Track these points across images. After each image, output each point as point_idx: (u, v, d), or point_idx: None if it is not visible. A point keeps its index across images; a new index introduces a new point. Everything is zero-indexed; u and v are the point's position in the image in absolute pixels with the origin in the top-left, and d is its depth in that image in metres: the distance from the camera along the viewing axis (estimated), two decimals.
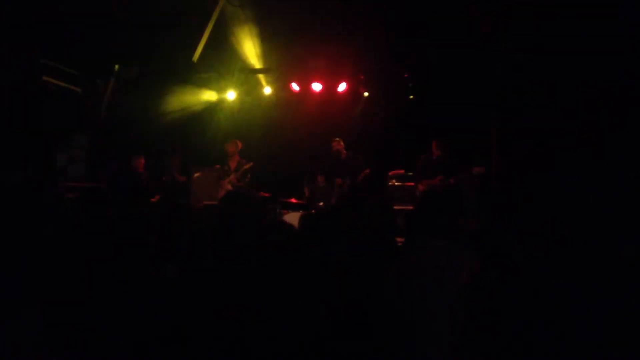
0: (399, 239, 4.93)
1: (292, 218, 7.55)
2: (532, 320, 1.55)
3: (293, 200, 8.93)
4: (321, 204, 8.83)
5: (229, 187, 8.37)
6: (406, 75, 9.19)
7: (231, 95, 9.95)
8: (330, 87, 9.51)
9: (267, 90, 9.75)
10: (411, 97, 9.50)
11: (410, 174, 8.77)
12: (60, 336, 1.17)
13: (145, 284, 2.54)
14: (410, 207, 7.91)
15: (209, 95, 10.05)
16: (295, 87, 9.63)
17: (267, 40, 8.98)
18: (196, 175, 9.30)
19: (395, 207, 7.98)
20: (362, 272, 2.95)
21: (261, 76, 9.74)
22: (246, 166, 8.49)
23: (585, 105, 7.53)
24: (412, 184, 8.74)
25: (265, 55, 9.25)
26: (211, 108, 10.19)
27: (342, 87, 9.43)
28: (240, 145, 8.78)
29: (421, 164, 8.36)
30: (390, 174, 9.27)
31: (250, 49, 9.16)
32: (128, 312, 2.29)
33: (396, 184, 9.08)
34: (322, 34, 8.69)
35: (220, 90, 10.01)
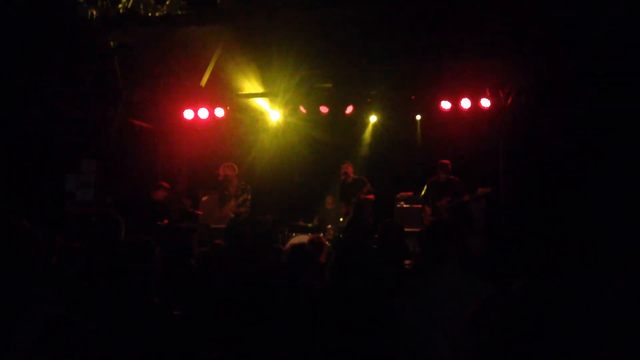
0: (407, 261, 4.88)
1: (301, 241, 7.51)
2: (543, 347, 1.51)
3: (301, 223, 8.89)
4: (329, 226, 8.78)
5: (231, 214, 8.25)
6: (413, 97, 9.21)
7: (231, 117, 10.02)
8: (337, 110, 9.51)
9: (276, 115, 9.71)
10: (418, 118, 9.54)
11: (419, 195, 8.70)
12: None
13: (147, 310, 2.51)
14: (419, 229, 7.86)
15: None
16: (303, 110, 9.66)
17: (273, 64, 9.04)
18: (204, 199, 9.30)
19: (405, 229, 7.97)
20: (377, 300, 2.92)
21: (267, 100, 9.76)
22: (245, 195, 8.34)
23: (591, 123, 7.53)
24: (421, 206, 8.69)
25: (272, 79, 9.30)
26: (220, 132, 10.19)
27: (349, 109, 9.44)
28: (237, 168, 8.56)
29: (428, 187, 8.32)
30: (398, 196, 9.23)
31: (255, 74, 9.22)
32: (128, 339, 2.26)
33: (405, 206, 9.03)
34: (330, 57, 8.75)
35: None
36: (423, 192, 8.38)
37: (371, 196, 8.43)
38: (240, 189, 8.27)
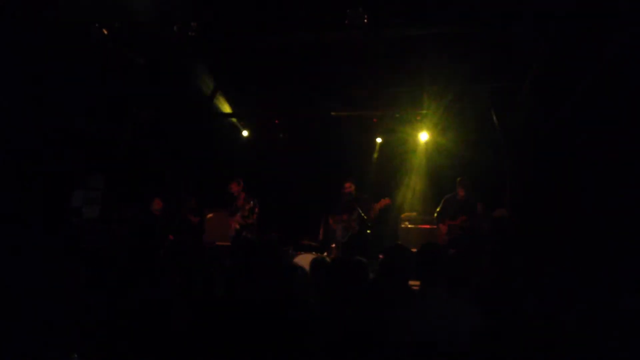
0: (413, 282, 4.88)
1: (305, 260, 7.52)
2: None
3: (305, 241, 8.89)
4: (333, 245, 8.78)
5: (237, 226, 8.36)
6: (418, 117, 9.27)
7: (245, 133, 10.17)
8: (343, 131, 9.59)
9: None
10: (423, 139, 9.58)
11: (433, 216, 8.66)
12: None
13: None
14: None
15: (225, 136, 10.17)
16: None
17: (278, 83, 9.15)
18: (209, 216, 9.36)
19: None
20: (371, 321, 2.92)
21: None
22: (249, 205, 8.44)
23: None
24: (426, 226, 8.70)
25: (279, 98, 9.41)
26: (227, 149, 10.28)
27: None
28: (242, 183, 8.70)
29: (444, 204, 8.28)
30: (402, 216, 9.24)
31: (258, 91, 9.34)
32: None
33: (409, 226, 9.04)
34: (336, 77, 8.85)
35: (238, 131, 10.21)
36: (438, 209, 8.34)
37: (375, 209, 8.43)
38: (247, 202, 8.39)
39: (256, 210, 8.44)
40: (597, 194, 7.56)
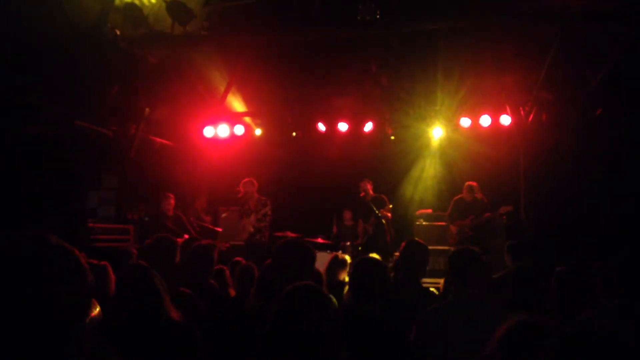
0: (431, 280, 4.81)
1: (319, 258, 7.46)
2: None
3: (320, 240, 8.83)
4: (348, 243, 8.72)
5: (251, 229, 8.31)
6: (432, 114, 9.19)
7: (258, 131, 10.14)
8: (356, 127, 9.53)
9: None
10: (437, 135, 9.48)
11: (444, 214, 8.60)
12: None
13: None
14: (438, 247, 7.82)
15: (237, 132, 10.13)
16: (321, 127, 9.70)
17: (292, 81, 9.11)
18: (223, 215, 9.33)
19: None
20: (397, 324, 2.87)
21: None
22: (265, 208, 8.37)
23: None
24: (442, 223, 8.63)
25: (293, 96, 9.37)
26: (240, 146, 10.24)
27: (369, 127, 9.45)
28: (256, 183, 8.60)
29: (453, 205, 8.26)
30: (417, 213, 9.17)
31: (275, 91, 9.29)
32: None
33: (424, 223, 8.96)
34: (349, 74, 8.79)
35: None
36: (449, 211, 8.32)
37: (388, 214, 8.38)
38: (261, 204, 8.34)
39: (269, 212, 8.40)
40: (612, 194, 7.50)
